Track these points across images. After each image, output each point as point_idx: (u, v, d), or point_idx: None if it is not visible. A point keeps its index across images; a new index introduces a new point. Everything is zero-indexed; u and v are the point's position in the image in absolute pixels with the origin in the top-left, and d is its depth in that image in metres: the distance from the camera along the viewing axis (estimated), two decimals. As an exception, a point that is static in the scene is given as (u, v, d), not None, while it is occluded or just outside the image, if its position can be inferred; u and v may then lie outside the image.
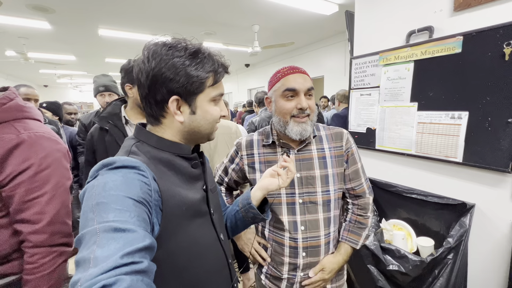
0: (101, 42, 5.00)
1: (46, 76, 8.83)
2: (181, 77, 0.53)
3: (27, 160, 0.77)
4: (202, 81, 0.55)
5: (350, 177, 0.93)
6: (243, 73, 9.23)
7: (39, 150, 0.80)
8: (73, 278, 0.33)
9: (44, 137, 0.83)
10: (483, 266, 1.09)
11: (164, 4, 3.45)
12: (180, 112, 0.56)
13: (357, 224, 0.93)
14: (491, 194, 1.04)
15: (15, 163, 0.76)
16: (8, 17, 3.56)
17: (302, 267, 0.88)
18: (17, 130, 0.79)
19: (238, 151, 0.97)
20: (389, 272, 1.08)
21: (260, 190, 0.73)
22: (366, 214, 0.93)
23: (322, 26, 4.66)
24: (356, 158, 0.93)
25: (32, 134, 0.81)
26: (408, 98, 1.25)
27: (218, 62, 0.58)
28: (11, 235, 0.80)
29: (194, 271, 0.58)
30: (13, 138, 0.77)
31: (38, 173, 0.79)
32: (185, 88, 0.54)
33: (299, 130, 0.83)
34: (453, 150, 1.11)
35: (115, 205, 0.41)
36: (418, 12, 1.20)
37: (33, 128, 0.82)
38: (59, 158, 0.85)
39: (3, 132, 0.77)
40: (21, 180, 0.76)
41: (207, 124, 0.60)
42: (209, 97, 0.58)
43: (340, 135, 0.92)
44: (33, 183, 0.78)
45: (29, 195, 0.77)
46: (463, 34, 1.03)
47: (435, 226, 1.20)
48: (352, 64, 1.52)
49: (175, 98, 0.54)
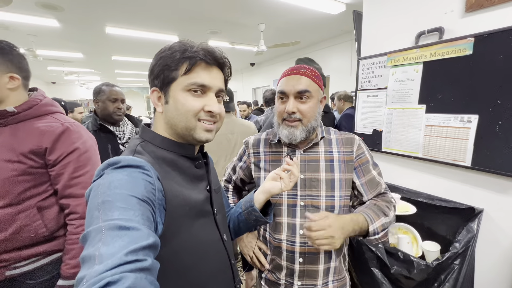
0: (108, 40, 5.04)
1: (54, 73, 8.96)
2: (158, 67, 0.56)
3: (73, 144, 0.93)
4: (172, 69, 0.55)
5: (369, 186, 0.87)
6: (248, 72, 9.22)
7: (80, 136, 0.96)
8: (79, 275, 0.34)
9: (80, 126, 0.99)
10: (490, 272, 1.07)
11: (171, 3, 3.46)
12: (160, 104, 0.59)
13: (376, 206, 0.83)
14: (500, 199, 1.02)
15: (64, 146, 0.91)
16: (17, 15, 3.61)
17: (298, 274, 0.85)
18: (59, 120, 0.94)
19: (246, 149, 0.97)
20: (394, 275, 1.06)
21: (263, 193, 0.73)
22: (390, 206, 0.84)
23: (329, 25, 4.62)
24: (370, 166, 0.87)
25: (72, 123, 0.97)
26: (416, 100, 1.23)
27: (196, 50, 0.55)
28: (58, 213, 0.94)
29: (197, 271, 0.58)
30: (59, 126, 0.92)
31: (82, 154, 0.95)
32: (159, 78, 0.56)
33: (286, 133, 0.83)
34: (462, 154, 1.09)
35: (120, 203, 0.41)
36: (428, 12, 1.18)
37: (69, 119, 0.98)
38: (93, 143, 1.02)
39: (48, 121, 0.93)
40: (69, 160, 0.91)
41: (179, 115, 0.56)
42: (182, 86, 0.55)
43: (351, 140, 0.89)
44: (78, 163, 0.93)
45: (75, 172, 0.92)
46: (475, 36, 1.00)
47: (442, 230, 1.18)
48: (360, 64, 1.50)
49: (153, 89, 0.58)
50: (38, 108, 0.93)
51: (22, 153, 0.86)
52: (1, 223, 0.84)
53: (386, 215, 0.81)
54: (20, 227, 0.86)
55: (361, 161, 0.87)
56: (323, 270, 0.85)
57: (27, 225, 0.87)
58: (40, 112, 0.93)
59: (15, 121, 0.89)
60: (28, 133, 0.88)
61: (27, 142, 0.87)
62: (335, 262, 0.87)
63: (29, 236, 0.88)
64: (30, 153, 0.86)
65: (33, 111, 0.92)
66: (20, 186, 0.86)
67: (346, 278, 0.92)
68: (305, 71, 0.82)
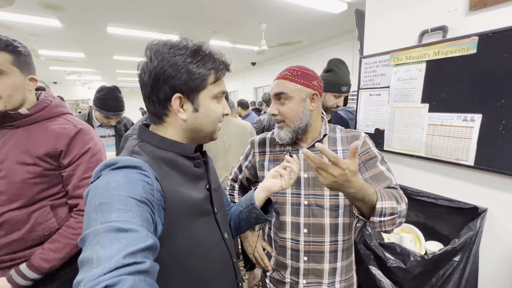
0: (109, 39, 5.04)
1: (56, 73, 8.97)
2: (183, 74, 0.53)
3: (85, 145, 0.94)
4: (204, 78, 0.55)
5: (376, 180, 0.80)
6: (249, 71, 9.21)
7: (91, 138, 0.97)
8: (77, 278, 0.34)
9: (90, 128, 1.00)
10: (495, 271, 1.06)
11: (172, 3, 3.46)
12: (183, 110, 0.56)
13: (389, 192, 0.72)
14: (504, 199, 1.01)
15: (77, 148, 0.92)
16: (20, 15, 3.62)
17: (303, 272, 0.85)
18: (71, 122, 0.95)
19: (252, 149, 0.99)
20: (390, 270, 1.05)
21: (263, 191, 0.73)
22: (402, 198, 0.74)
23: (330, 24, 4.61)
24: (378, 162, 0.82)
25: (84, 125, 0.97)
26: (419, 99, 1.22)
27: (219, 60, 0.58)
28: (68, 213, 0.95)
29: (199, 270, 0.58)
30: (73, 128, 0.92)
31: (93, 155, 0.96)
32: (187, 85, 0.54)
33: (276, 134, 0.89)
34: (465, 153, 1.08)
35: (117, 205, 0.41)
36: (432, 11, 1.17)
37: (80, 121, 0.98)
38: (102, 145, 1.04)
39: (61, 123, 0.93)
40: (81, 161, 0.92)
41: (209, 122, 0.59)
42: (211, 94, 0.58)
43: (356, 138, 0.88)
44: (89, 164, 0.94)
45: (85, 173, 0.93)
46: (479, 35, 1.00)
47: (445, 230, 1.17)
48: (362, 63, 1.50)
49: (178, 96, 0.54)
50: (49, 109, 0.93)
51: (38, 156, 0.85)
52: (16, 223, 0.85)
53: (399, 203, 0.70)
54: (34, 226, 0.87)
55: (365, 158, 0.85)
56: (328, 269, 0.85)
57: (41, 223, 0.88)
58: (52, 113, 0.93)
59: (27, 123, 0.88)
60: (42, 135, 0.88)
61: (42, 144, 0.87)
62: (342, 262, 0.86)
63: (43, 234, 0.88)
64: (45, 155, 0.86)
65: (45, 112, 0.91)
66: (35, 188, 0.86)
67: (353, 278, 0.92)
68: (287, 73, 0.84)
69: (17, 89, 0.85)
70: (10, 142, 0.86)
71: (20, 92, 0.86)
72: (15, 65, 0.84)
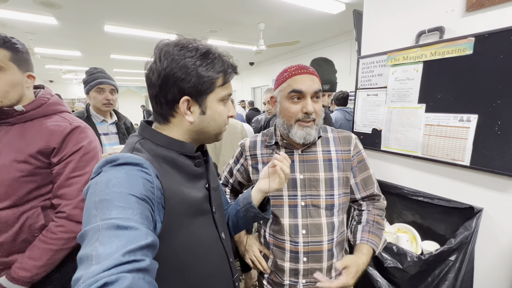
0: (106, 38, 5.01)
1: (52, 71, 8.90)
2: (193, 77, 0.53)
3: (78, 143, 0.91)
4: (213, 81, 0.55)
5: (364, 185, 0.89)
6: (247, 71, 9.21)
7: (86, 136, 0.95)
8: (76, 275, 0.33)
9: (87, 127, 0.98)
10: (490, 271, 1.07)
11: (170, 1, 3.44)
12: (190, 112, 0.56)
13: (375, 225, 0.90)
14: (500, 199, 1.02)
15: (70, 145, 0.90)
16: (15, 12, 3.58)
17: (303, 273, 0.85)
18: (67, 120, 0.93)
19: (243, 152, 0.97)
20: (387, 270, 1.06)
21: (258, 192, 0.73)
22: (383, 215, 0.92)
23: (328, 25, 4.62)
24: (367, 164, 0.90)
25: (80, 123, 0.95)
26: (416, 100, 1.23)
27: (228, 63, 0.58)
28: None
29: (196, 269, 0.58)
30: (68, 126, 0.91)
31: (85, 154, 0.93)
32: (196, 88, 0.54)
33: (303, 134, 0.80)
34: (461, 153, 1.09)
35: (118, 202, 0.41)
36: (429, 12, 1.18)
37: (76, 119, 0.97)
38: (97, 145, 1.01)
39: (57, 121, 0.91)
40: (71, 159, 0.89)
41: (216, 124, 0.60)
42: (218, 97, 0.58)
43: (348, 139, 0.89)
44: (79, 163, 0.91)
45: (73, 172, 0.90)
46: (475, 35, 1.00)
47: (441, 230, 1.18)
48: (359, 63, 1.50)
49: (186, 99, 0.54)
50: (46, 107, 0.91)
51: (30, 154, 0.84)
52: (4, 223, 0.82)
53: (383, 227, 0.90)
54: (23, 227, 0.84)
55: (357, 160, 0.89)
56: (326, 267, 0.86)
57: (30, 225, 0.85)
58: (49, 111, 0.92)
59: (22, 120, 0.87)
60: (36, 133, 0.86)
61: (35, 142, 0.85)
62: (337, 258, 0.88)
63: (33, 236, 0.86)
64: (37, 153, 0.85)
65: (41, 110, 0.90)
66: (26, 187, 0.84)
67: None
68: (313, 70, 0.83)
69: (15, 86, 0.84)
70: (4, 139, 0.84)
71: (18, 89, 0.85)
72: (13, 62, 0.83)
